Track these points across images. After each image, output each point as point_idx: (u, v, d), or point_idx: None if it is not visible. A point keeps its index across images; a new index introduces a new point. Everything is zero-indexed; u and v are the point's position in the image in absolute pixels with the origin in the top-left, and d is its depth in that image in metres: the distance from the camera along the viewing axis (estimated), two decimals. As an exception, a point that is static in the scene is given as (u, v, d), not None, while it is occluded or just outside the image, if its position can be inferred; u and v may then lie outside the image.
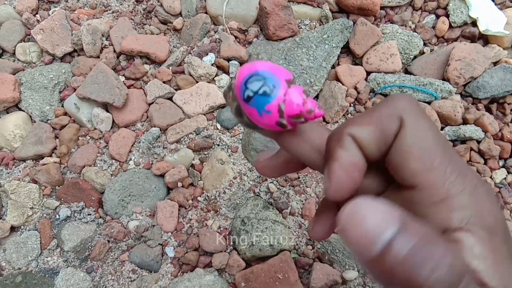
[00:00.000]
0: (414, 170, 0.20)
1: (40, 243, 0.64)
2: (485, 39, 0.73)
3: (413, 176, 0.20)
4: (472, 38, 0.72)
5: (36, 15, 0.78)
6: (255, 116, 0.23)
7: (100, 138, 0.70)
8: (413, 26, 0.73)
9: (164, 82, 0.72)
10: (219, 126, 0.69)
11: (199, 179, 0.67)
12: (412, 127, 0.21)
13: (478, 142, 0.66)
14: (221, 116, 0.69)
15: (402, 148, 0.21)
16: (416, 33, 0.71)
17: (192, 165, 0.68)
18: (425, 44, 0.72)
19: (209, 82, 0.72)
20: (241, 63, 0.72)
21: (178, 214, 0.65)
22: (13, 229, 0.65)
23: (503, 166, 0.67)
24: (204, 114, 0.70)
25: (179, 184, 0.66)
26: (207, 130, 0.69)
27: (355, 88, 0.69)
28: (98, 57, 0.74)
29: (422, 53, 0.72)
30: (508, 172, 0.67)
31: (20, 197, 0.65)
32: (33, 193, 0.66)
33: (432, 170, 0.20)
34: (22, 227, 0.65)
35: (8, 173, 0.68)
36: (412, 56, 0.71)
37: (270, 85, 0.23)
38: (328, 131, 0.24)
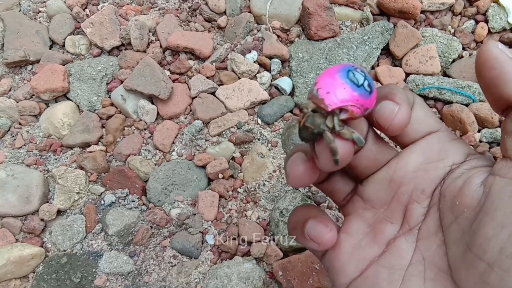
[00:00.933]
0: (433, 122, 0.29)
1: (86, 226, 0.66)
2: (522, 46, 0.74)
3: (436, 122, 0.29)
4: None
5: (86, 9, 0.81)
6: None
7: (145, 129, 0.73)
8: (452, 30, 0.75)
9: (207, 77, 0.74)
10: (259, 121, 0.71)
11: (239, 171, 0.69)
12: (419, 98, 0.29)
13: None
14: (262, 112, 0.71)
15: (424, 106, 0.29)
16: (455, 37, 0.73)
17: (233, 158, 0.70)
18: (464, 48, 0.74)
19: (251, 79, 0.74)
20: (283, 62, 0.75)
21: (219, 204, 0.67)
22: (59, 212, 0.68)
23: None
24: (246, 109, 0.72)
25: (220, 176, 0.68)
26: (248, 124, 0.71)
27: (394, 89, 0.70)
28: (145, 51, 0.77)
29: (460, 56, 0.73)
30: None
31: (67, 182, 0.68)
32: (80, 178, 0.68)
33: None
34: (68, 211, 0.68)
35: (56, 159, 0.71)
36: (451, 60, 0.72)
37: (357, 67, 0.26)
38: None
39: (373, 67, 0.73)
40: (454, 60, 0.73)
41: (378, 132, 0.30)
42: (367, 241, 0.30)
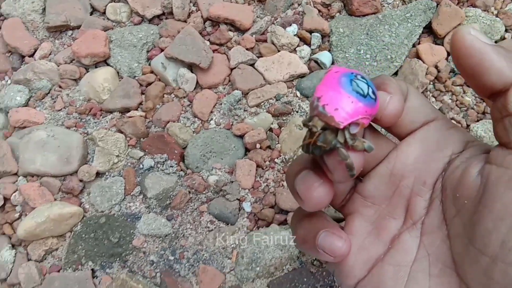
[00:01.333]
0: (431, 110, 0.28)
1: (125, 189, 0.67)
2: None
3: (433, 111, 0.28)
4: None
5: (127, -22, 0.82)
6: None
7: (184, 97, 0.73)
8: (495, 12, 0.74)
9: (247, 49, 0.75)
10: (298, 94, 0.72)
11: (277, 142, 0.69)
12: (413, 88, 0.29)
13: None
14: (301, 85, 0.72)
15: (419, 95, 0.29)
16: (498, 18, 0.73)
17: (271, 129, 0.70)
18: (506, 30, 0.74)
19: (290, 52, 0.74)
20: (323, 36, 0.75)
21: (256, 173, 0.67)
22: (98, 174, 0.68)
23: None
24: (284, 82, 0.73)
25: (258, 146, 0.69)
26: (286, 97, 0.71)
27: (436, 67, 0.70)
28: (186, 21, 0.77)
29: (503, 38, 0.73)
30: None
31: (107, 144, 0.68)
32: (120, 142, 0.69)
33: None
34: (107, 173, 0.69)
35: (96, 122, 0.72)
36: (493, 41, 0.72)
37: (356, 73, 0.25)
38: None
39: (414, 45, 0.73)
40: (496, 42, 0.73)
41: (374, 125, 0.29)
42: (371, 240, 0.29)
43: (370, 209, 0.30)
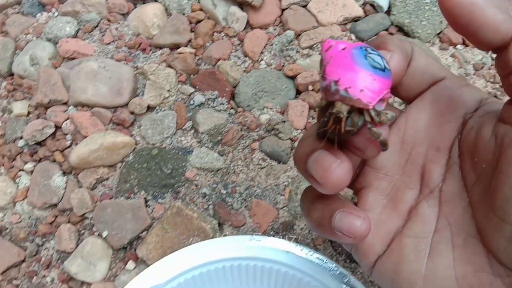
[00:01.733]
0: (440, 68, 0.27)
1: (176, 122, 0.67)
2: None
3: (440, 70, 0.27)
4: None
5: None
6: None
7: (234, 36, 0.72)
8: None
9: (300, -10, 0.73)
10: (353, 37, 0.71)
11: (329, 85, 0.69)
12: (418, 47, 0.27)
13: None
14: (357, 27, 0.70)
15: (424, 54, 0.27)
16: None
17: (323, 72, 0.69)
18: None
19: (345, -5, 0.73)
20: (379, -20, 0.73)
21: (308, 114, 0.67)
22: (148, 108, 0.68)
23: None
24: (338, 25, 0.71)
25: (310, 88, 0.68)
26: (340, 39, 0.70)
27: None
28: (237, -42, 0.75)
29: None
30: None
31: (159, 78, 0.68)
32: (171, 77, 0.68)
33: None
34: (157, 107, 0.68)
35: (145, 57, 0.71)
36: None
37: (366, 46, 0.24)
38: None
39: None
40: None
41: None
42: (387, 213, 0.28)
43: (383, 181, 0.28)
